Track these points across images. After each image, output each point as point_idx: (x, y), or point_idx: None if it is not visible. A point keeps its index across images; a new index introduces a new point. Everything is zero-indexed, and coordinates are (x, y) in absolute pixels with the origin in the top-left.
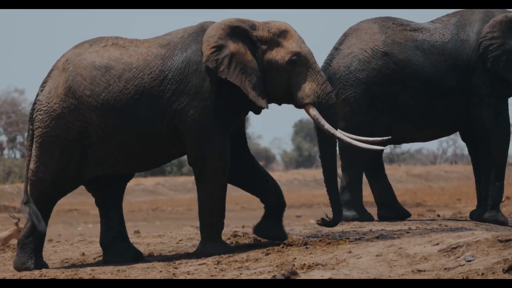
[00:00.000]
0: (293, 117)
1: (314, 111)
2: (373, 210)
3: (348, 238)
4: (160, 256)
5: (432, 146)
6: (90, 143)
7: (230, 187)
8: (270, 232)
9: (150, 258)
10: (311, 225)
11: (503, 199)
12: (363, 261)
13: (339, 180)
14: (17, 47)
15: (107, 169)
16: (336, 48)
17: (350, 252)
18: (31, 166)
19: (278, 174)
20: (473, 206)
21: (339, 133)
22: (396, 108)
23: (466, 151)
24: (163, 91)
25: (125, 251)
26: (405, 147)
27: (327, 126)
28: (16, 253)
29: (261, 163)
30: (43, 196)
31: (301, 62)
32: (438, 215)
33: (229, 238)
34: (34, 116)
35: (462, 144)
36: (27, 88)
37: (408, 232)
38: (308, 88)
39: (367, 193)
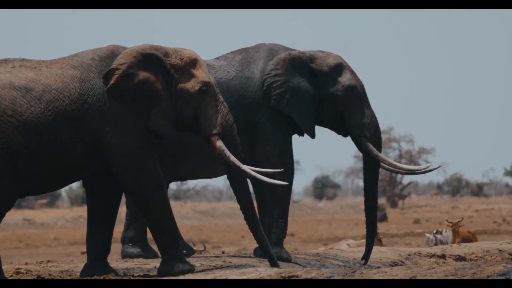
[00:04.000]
0: None
1: (219, 143)
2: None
3: (133, 275)
4: None
5: (217, 182)
6: (14, 160)
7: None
8: (97, 271)
9: None
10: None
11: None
12: None
13: None
14: None
15: (30, 186)
16: None
17: None
18: None
19: (63, 212)
20: None
21: (245, 166)
22: (180, 145)
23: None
24: (83, 115)
25: None
26: (192, 183)
27: (232, 158)
28: None
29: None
30: None
31: (209, 92)
32: (223, 252)
33: (11, 276)
34: None
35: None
36: None
37: None
38: (214, 119)
39: None
